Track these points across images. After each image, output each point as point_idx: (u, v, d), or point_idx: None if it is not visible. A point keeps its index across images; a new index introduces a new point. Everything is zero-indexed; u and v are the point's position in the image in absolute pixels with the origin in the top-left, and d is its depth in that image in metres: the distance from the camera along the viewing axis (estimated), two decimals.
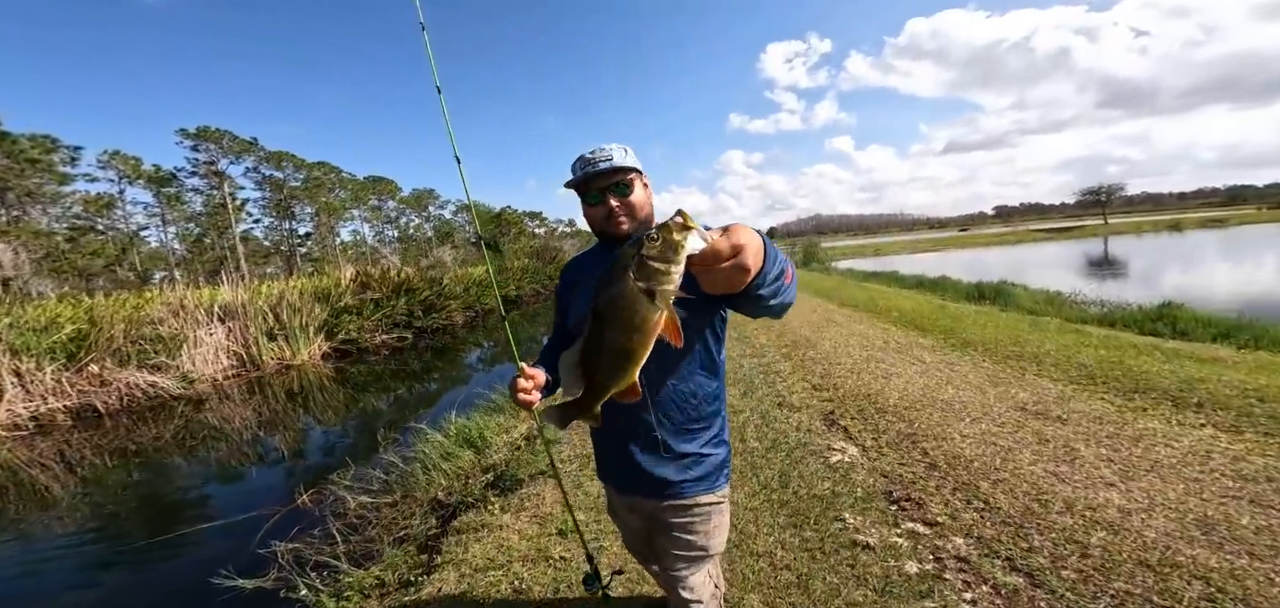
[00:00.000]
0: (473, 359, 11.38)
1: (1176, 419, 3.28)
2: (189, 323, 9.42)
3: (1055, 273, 18.33)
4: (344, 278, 13.61)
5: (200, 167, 35.41)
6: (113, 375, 7.79)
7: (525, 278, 22.97)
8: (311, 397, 8.42)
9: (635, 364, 0.79)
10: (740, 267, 0.75)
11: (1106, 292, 10.47)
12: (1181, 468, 2.67)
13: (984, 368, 4.78)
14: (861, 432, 3.56)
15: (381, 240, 50.51)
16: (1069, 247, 37.88)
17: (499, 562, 2.48)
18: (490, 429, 4.64)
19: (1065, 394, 3.88)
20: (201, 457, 5.80)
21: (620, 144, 1.25)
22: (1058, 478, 2.67)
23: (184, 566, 3.43)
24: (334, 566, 2.85)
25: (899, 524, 2.42)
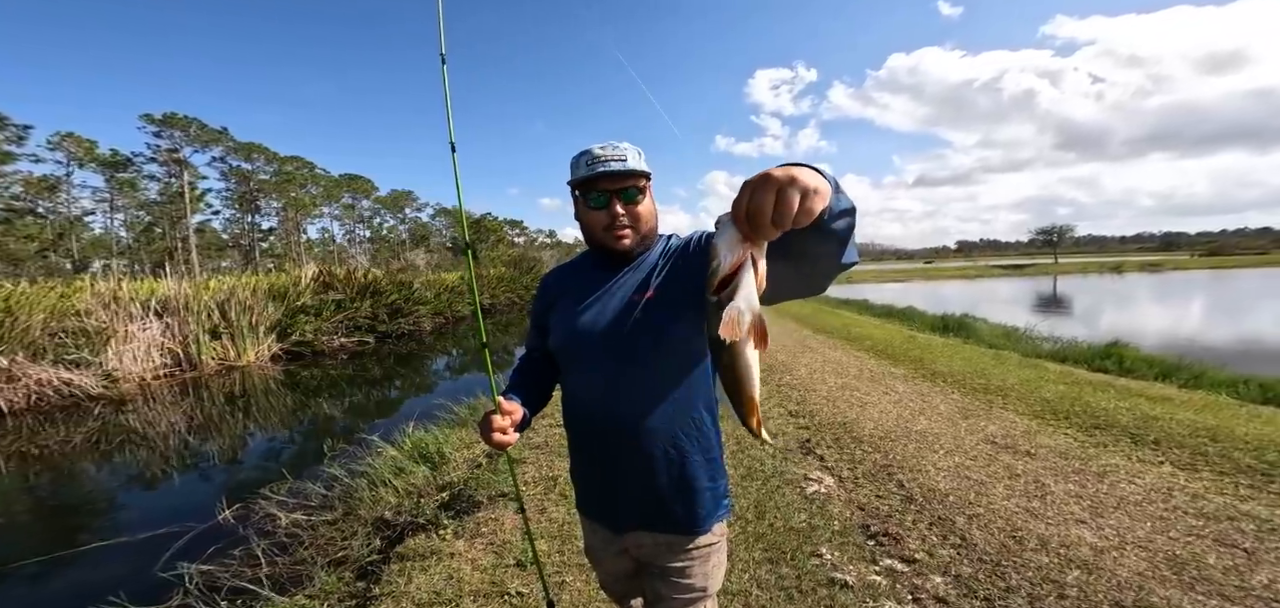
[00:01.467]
0: (439, 367, 10.93)
1: (1136, 456, 3.36)
2: (121, 317, 8.65)
3: (1011, 309, 19.21)
4: (305, 276, 12.91)
5: (161, 153, 33.52)
6: (23, 371, 7.03)
7: (501, 287, 22.53)
8: (254, 401, 7.83)
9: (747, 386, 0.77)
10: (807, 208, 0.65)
11: (1057, 328, 10.98)
12: (1146, 506, 2.71)
13: (954, 399, 4.82)
14: (838, 462, 3.49)
15: (352, 240, 48.78)
16: (1022, 283, 40.00)
17: (446, 596, 2.24)
18: (450, 444, 4.38)
19: (1031, 428, 3.94)
20: (116, 464, 5.24)
21: (635, 146, 1.10)
22: (1031, 514, 2.66)
23: (69, 590, 3.02)
24: (252, 591, 2.55)
25: (877, 561, 2.32)
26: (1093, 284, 37.20)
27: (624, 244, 1.10)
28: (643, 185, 1.09)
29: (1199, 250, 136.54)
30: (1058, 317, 17.38)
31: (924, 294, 26.71)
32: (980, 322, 10.99)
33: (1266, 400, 4.58)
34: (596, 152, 1.07)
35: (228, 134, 35.78)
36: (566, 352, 1.15)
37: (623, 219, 1.08)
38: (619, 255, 1.12)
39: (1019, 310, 18.47)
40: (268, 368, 10.07)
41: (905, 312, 13.61)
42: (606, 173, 1.04)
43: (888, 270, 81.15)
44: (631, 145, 1.10)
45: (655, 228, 1.16)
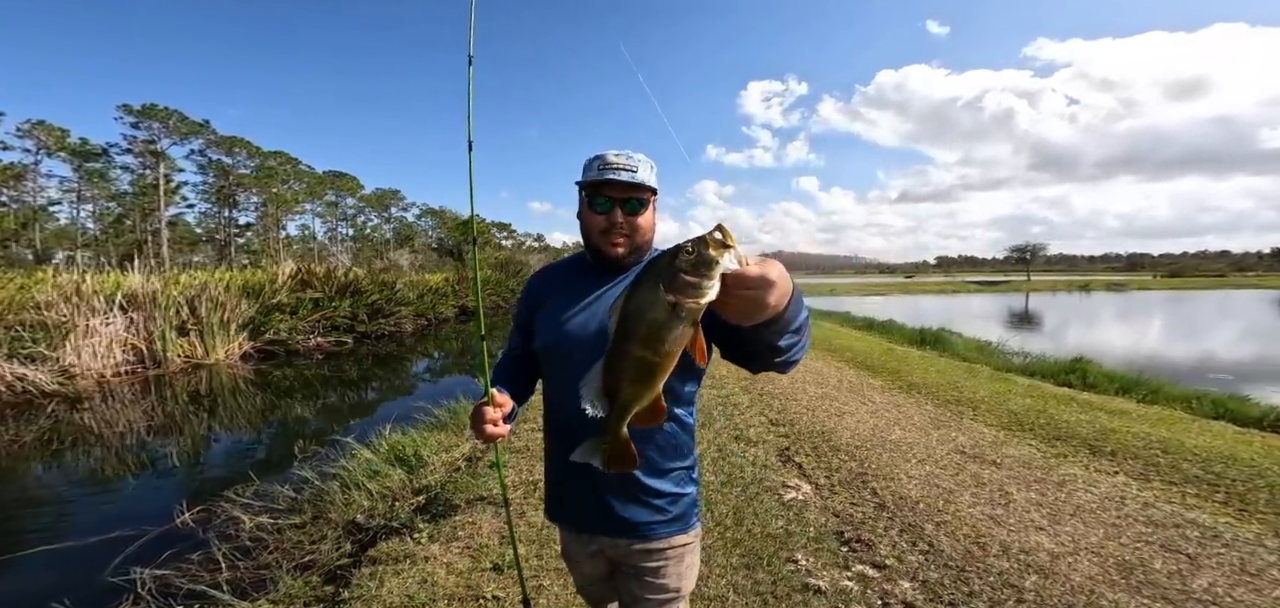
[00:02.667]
0: (420, 369, 10.74)
1: (1094, 466, 3.54)
2: (82, 311, 8.30)
3: (985, 324, 19.80)
4: (282, 273, 12.59)
5: (136, 144, 32.40)
6: None
7: (486, 289, 22.29)
8: (221, 400, 7.58)
9: (658, 380, 0.75)
10: (760, 301, 0.70)
11: (1027, 344, 11.37)
12: (1100, 513, 2.85)
13: (927, 410, 4.95)
14: (815, 469, 3.55)
15: (334, 238, 47.70)
16: (996, 299, 41.29)
17: (419, 600, 2.19)
18: (428, 447, 4.30)
19: (998, 439, 4.09)
20: (66, 465, 5.01)
21: (648, 159, 1.12)
22: (994, 521, 2.76)
23: (9, 597, 2.90)
24: (211, 595, 2.45)
25: (849, 566, 2.36)
26: (1062, 302, 38.58)
27: (617, 251, 1.12)
28: (647, 199, 1.12)
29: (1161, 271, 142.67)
30: (1028, 333, 18.00)
31: (904, 308, 27.34)
32: (955, 336, 11.33)
33: (1217, 415, 4.83)
34: (610, 158, 1.10)
35: (210, 127, 34.92)
36: (552, 355, 1.16)
37: (621, 228, 1.10)
38: (611, 262, 1.14)
39: (992, 325, 19.04)
40: (237, 367, 9.77)
41: (885, 325, 13.91)
42: (615, 181, 1.07)
43: (870, 284, 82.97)
44: (646, 159, 1.12)
45: (650, 241, 1.18)
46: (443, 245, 33.96)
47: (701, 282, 0.66)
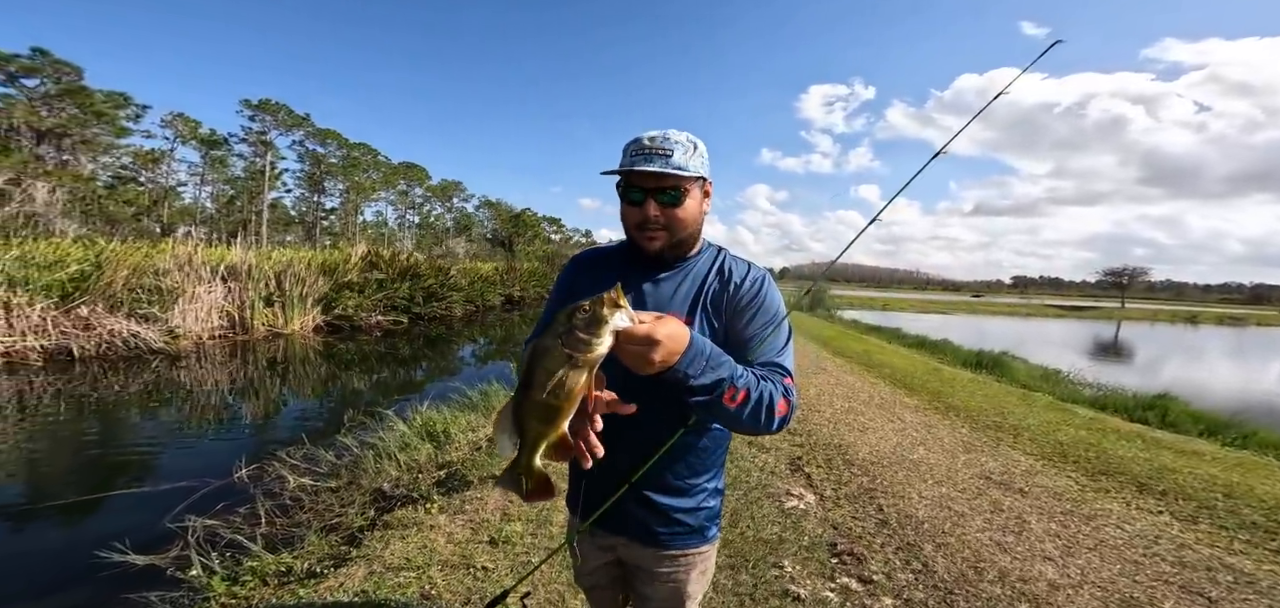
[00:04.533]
0: (464, 353, 11.35)
1: (1136, 503, 3.27)
2: (191, 279, 9.44)
3: (1060, 351, 18.03)
4: (354, 255, 13.72)
5: (251, 135, 36.67)
6: (99, 321, 7.82)
7: (532, 281, 23.14)
8: (292, 368, 8.41)
9: (561, 420, 0.81)
10: (646, 356, 0.79)
11: (1106, 375, 10.28)
12: (1124, 549, 2.67)
13: (960, 434, 4.66)
14: (824, 481, 3.47)
15: (402, 225, 51.12)
16: (1080, 326, 37.42)
17: (416, 563, 2.36)
18: (457, 426, 4.51)
19: (1034, 468, 3.82)
20: (160, 416, 5.64)
21: (690, 135, 1.01)
22: (1001, 547, 2.63)
23: (88, 532, 3.14)
24: (246, 547, 2.66)
25: (835, 578, 2.32)
26: (1161, 334, 34.35)
27: (653, 247, 1.02)
28: (686, 187, 0.99)
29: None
30: (1112, 364, 16.21)
31: (966, 329, 25.46)
32: (1018, 361, 10.45)
33: None
34: (644, 141, 0.99)
35: (309, 120, 38.86)
36: None
37: (656, 221, 1.00)
38: (652, 257, 1.05)
39: (1068, 354, 17.30)
40: (309, 337, 10.79)
41: (938, 344, 13.06)
42: (645, 170, 0.96)
43: (930, 301, 77.60)
44: (686, 137, 1.00)
45: (697, 233, 1.07)
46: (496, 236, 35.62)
47: (592, 338, 0.75)
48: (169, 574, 2.54)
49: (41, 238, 9.79)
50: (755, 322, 1.02)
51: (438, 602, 2.12)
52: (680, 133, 1.00)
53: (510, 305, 20.44)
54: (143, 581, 2.52)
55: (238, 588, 2.32)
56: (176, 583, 2.45)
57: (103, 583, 2.54)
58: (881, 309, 38.61)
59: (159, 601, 2.31)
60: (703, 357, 0.86)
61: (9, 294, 7.00)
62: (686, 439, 1.04)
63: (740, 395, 0.88)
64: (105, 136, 26.80)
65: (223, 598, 2.24)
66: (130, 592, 2.38)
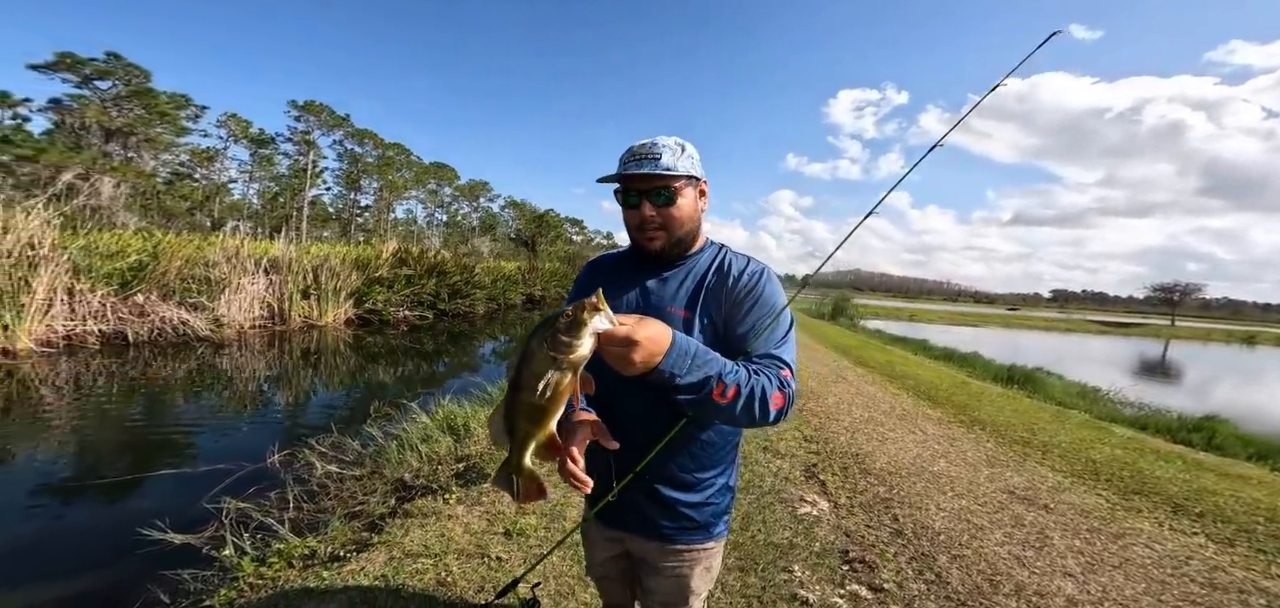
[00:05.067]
0: (485, 351, 11.58)
1: (1170, 524, 3.16)
2: (238, 270, 9.94)
3: (1101, 369, 17.19)
4: (386, 251, 14.18)
5: (296, 134, 38.60)
6: (153, 308, 8.32)
7: (552, 281, 23.44)
8: (324, 358, 8.74)
9: (548, 419, 0.86)
10: (627, 357, 0.83)
11: (1150, 396, 9.77)
12: (1151, 569, 2.59)
13: (985, 448, 4.53)
14: (839, 489, 3.43)
15: (431, 222, 52.49)
16: (1125, 343, 35.57)
17: (433, 551, 2.44)
18: (477, 420, 4.59)
19: (1061, 485, 3.69)
20: (202, 400, 5.91)
21: (678, 139, 1.06)
22: (1019, 562, 2.57)
23: (131, 510, 3.28)
24: (274, 530, 2.77)
25: (845, 585, 2.31)
26: (1214, 354, 32.34)
27: (654, 246, 1.07)
28: (677, 187, 1.04)
29: None
30: (1158, 384, 15.37)
31: (999, 343, 24.53)
32: (1054, 378, 10.03)
33: None
34: (634, 148, 1.05)
35: (349, 121, 40.69)
36: None
37: (653, 221, 1.05)
38: (654, 256, 1.10)
39: (1110, 371, 16.47)
40: (341, 330, 11.21)
41: (968, 357, 12.64)
42: (635, 173, 1.02)
43: (961, 313, 74.92)
44: (674, 141, 1.06)
45: (695, 231, 1.12)
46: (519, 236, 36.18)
47: (573, 340, 0.81)
48: (204, 554, 2.64)
49: (105, 229, 10.47)
50: (752, 314, 1.05)
51: (453, 589, 2.19)
52: (669, 137, 1.06)
53: (531, 304, 20.75)
54: (179, 559, 2.63)
55: (265, 569, 2.38)
56: (209, 562, 2.56)
57: (142, 559, 2.67)
58: (908, 320, 37.59)
59: (192, 579, 2.39)
60: (687, 356, 0.88)
61: (73, 280, 7.51)
62: (691, 433, 1.08)
63: (730, 391, 0.90)
64: (167, 135, 28.60)
65: (250, 578, 2.33)
66: (167, 569, 2.47)
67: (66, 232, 7.92)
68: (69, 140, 23.44)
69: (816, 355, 10.27)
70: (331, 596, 2.10)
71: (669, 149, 1.04)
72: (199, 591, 2.34)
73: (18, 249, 6.80)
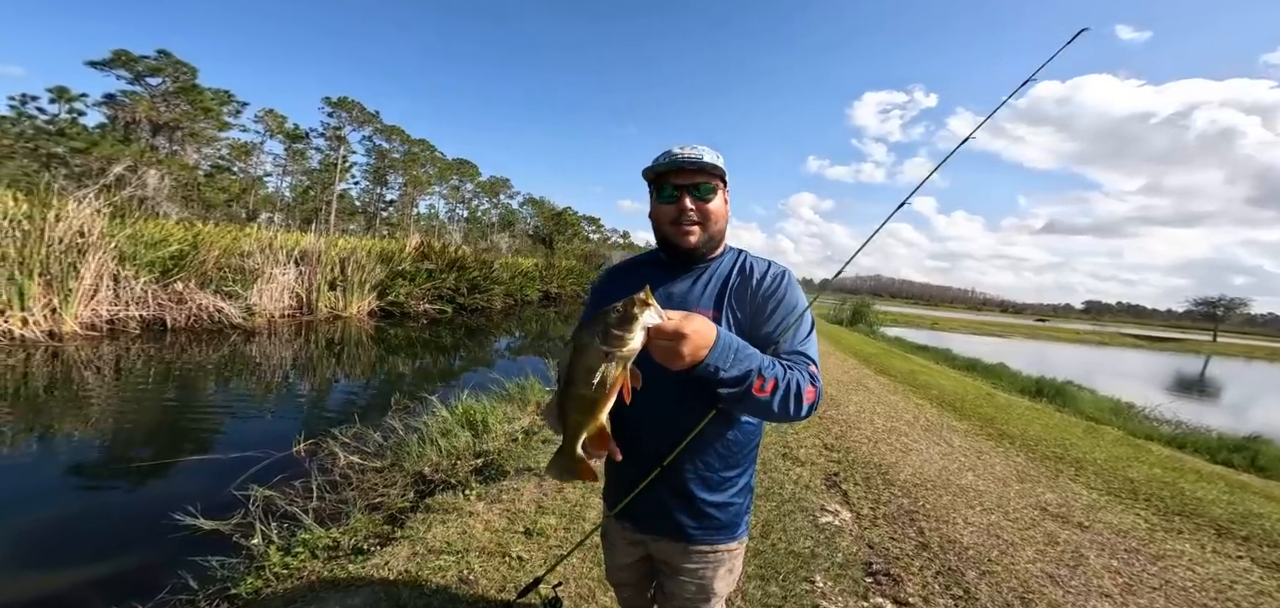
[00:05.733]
0: (501, 345, 11.71)
1: (1213, 547, 3.04)
2: (270, 261, 10.26)
3: (1136, 384, 16.51)
4: (409, 245, 14.46)
5: (328, 130, 39.84)
6: (191, 296, 8.64)
7: (568, 278, 23.55)
8: (347, 349, 8.94)
9: (599, 411, 0.89)
10: (676, 350, 0.87)
11: (1186, 413, 9.34)
12: (1194, 593, 2.50)
13: (1015, 462, 4.39)
14: (861, 499, 3.36)
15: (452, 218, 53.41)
16: (1161, 358, 34.16)
17: (456, 548, 2.45)
18: (495, 416, 4.58)
19: (1097, 503, 3.56)
20: (232, 387, 6.05)
21: (715, 150, 1.12)
22: (1053, 580, 2.49)
23: (161, 494, 3.32)
24: (299, 519, 2.79)
25: (868, 597, 2.26)
26: (1258, 372, 30.81)
27: (690, 241, 1.11)
28: (716, 184, 1.11)
29: None
30: (1196, 402, 14.69)
31: (1025, 354, 23.74)
32: (1085, 392, 9.68)
33: None
34: (675, 150, 1.11)
35: (378, 117, 41.83)
36: None
37: (691, 215, 1.09)
38: (684, 253, 1.13)
39: (1145, 387, 15.83)
40: (364, 321, 11.46)
41: (993, 368, 12.29)
42: (678, 165, 1.08)
43: (986, 322, 72.79)
44: (711, 149, 1.12)
45: (723, 231, 1.16)
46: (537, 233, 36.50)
47: (625, 334, 0.83)
48: (233, 541, 2.66)
49: (150, 219, 10.89)
50: (777, 314, 1.09)
51: (475, 587, 2.19)
52: (704, 145, 1.12)
53: (547, 301, 20.89)
54: (207, 545, 2.66)
55: (290, 559, 2.39)
56: (237, 549, 2.58)
57: (173, 544, 2.71)
58: (930, 327, 36.72)
59: (220, 566, 2.41)
60: (731, 350, 0.93)
61: (118, 267, 7.84)
62: (717, 430, 1.09)
63: (769, 385, 0.94)
64: (209, 130, 29.81)
65: (276, 568, 2.34)
66: (196, 555, 2.50)
67: (114, 221, 8.24)
68: (119, 134, 24.58)
69: (835, 362, 10.10)
70: (357, 589, 2.13)
71: (708, 151, 1.10)
72: (225, 578, 2.36)
73: (69, 236, 7.11)
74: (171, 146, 26.95)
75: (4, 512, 3.02)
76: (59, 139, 22.05)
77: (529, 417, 4.76)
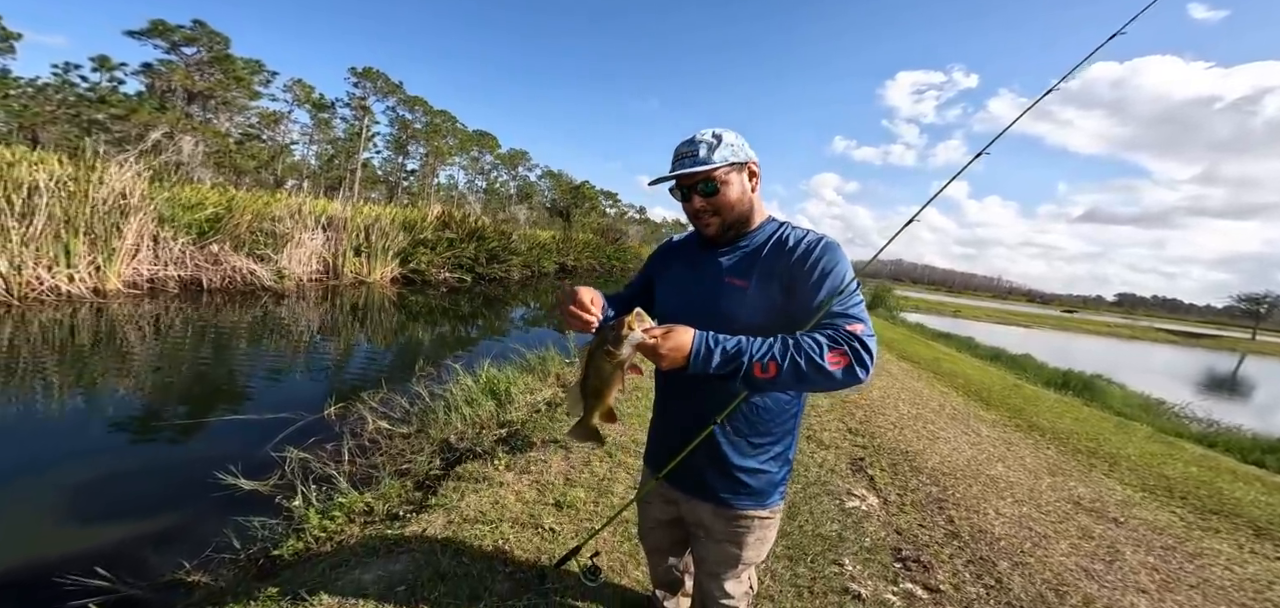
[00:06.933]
0: (517, 316, 11.82)
1: (1251, 547, 3.01)
2: (299, 226, 10.47)
3: (1165, 381, 16.02)
4: (431, 214, 14.58)
5: (354, 100, 40.22)
6: (226, 258, 8.88)
7: (585, 251, 23.55)
8: (371, 314, 9.12)
9: (608, 395, 1.14)
10: (659, 356, 1.03)
11: (1217, 412, 9.05)
12: (1233, 591, 2.49)
13: (1046, 455, 4.31)
14: (888, 485, 3.34)
15: (471, 189, 53.64)
16: (1195, 355, 33.02)
17: (490, 518, 2.47)
18: (517, 386, 4.62)
19: (1131, 499, 3.51)
20: (263, 347, 6.19)
21: (715, 131, 1.15)
22: (1088, 574, 2.47)
23: (202, 452, 3.37)
24: (334, 482, 2.80)
25: (898, 583, 2.25)
26: None
27: (710, 232, 1.19)
28: (719, 176, 1.13)
29: None
30: (1228, 401, 14.21)
31: (1050, 346, 23.16)
32: (1114, 386, 9.43)
33: None
34: (679, 148, 1.17)
35: (402, 88, 41.93)
36: (661, 312, 1.29)
37: (703, 211, 1.17)
38: (713, 239, 1.22)
39: (1175, 384, 15.35)
40: (387, 287, 11.67)
41: (1018, 359, 12.01)
42: (680, 173, 1.14)
43: (1011, 312, 70.87)
44: (711, 134, 1.14)
45: (748, 213, 1.19)
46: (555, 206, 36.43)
47: (618, 348, 1.06)
48: (275, 501, 2.68)
49: (186, 184, 11.16)
50: (814, 282, 1.11)
51: (510, 556, 2.21)
52: (705, 131, 1.16)
53: (563, 273, 20.97)
54: (247, 504, 2.69)
55: (327, 522, 2.40)
56: (277, 510, 2.60)
57: (214, 503, 2.74)
58: (952, 315, 35.94)
59: (260, 526, 2.43)
60: (710, 353, 1.02)
61: (158, 229, 8.08)
62: (759, 399, 1.18)
63: (771, 367, 0.99)
64: (241, 99, 30.41)
65: (315, 531, 2.36)
66: (238, 515, 2.53)
67: (154, 184, 8.45)
68: (156, 102, 25.18)
69: None
70: (397, 555, 2.17)
71: (706, 144, 1.14)
72: (267, 539, 2.40)
73: (112, 198, 7.33)
74: (205, 115, 27.53)
75: (57, 464, 3.12)
76: (100, 106, 22.63)
77: (550, 388, 4.79)
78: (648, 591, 1.89)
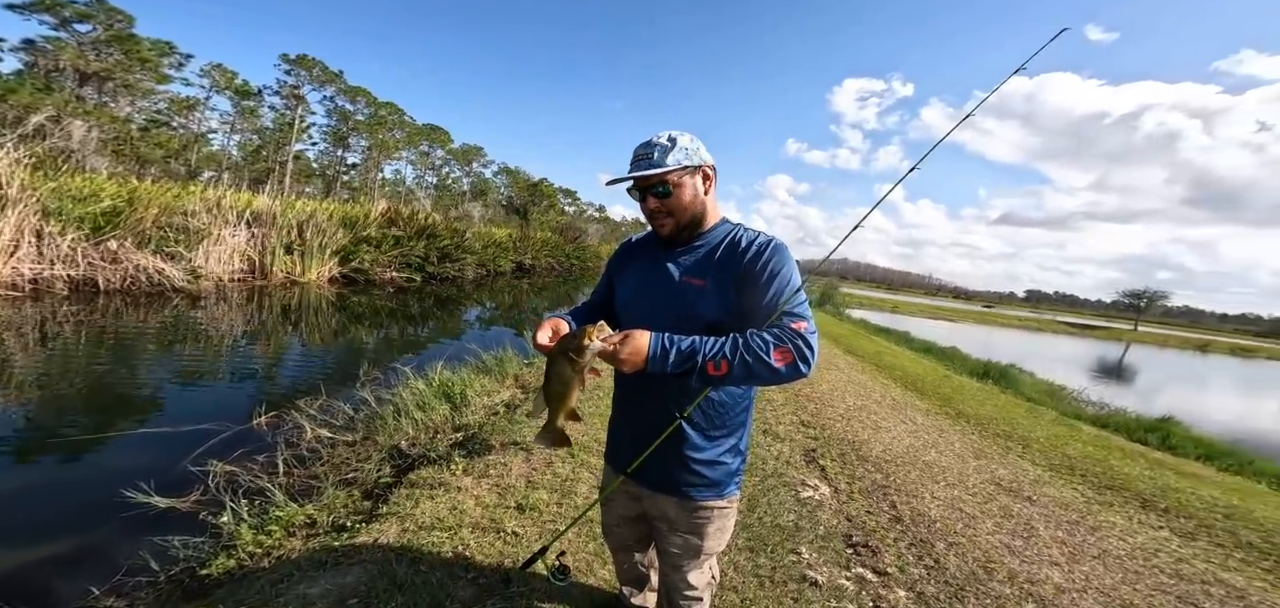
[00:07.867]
0: (472, 316, 11.43)
1: (1139, 519, 3.44)
2: (217, 221, 9.53)
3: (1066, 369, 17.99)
4: (375, 211, 13.75)
5: (285, 88, 36.85)
6: (127, 256, 7.92)
7: (543, 250, 23.09)
8: (306, 316, 8.49)
9: (570, 399, 1.17)
10: (619, 361, 1.08)
11: (1110, 397, 10.31)
12: (1126, 560, 2.83)
13: (971, 440, 4.74)
14: (838, 474, 3.54)
15: (420, 185, 51.07)
16: (1089, 345, 37.20)
17: (448, 524, 2.38)
18: (473, 389, 4.48)
19: (1042, 478, 3.95)
20: (177, 354, 5.60)
21: (671, 134, 1.19)
22: (1010, 550, 2.76)
23: (105, 469, 3.06)
24: (269, 493, 2.64)
25: (850, 567, 2.40)
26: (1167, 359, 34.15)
27: (665, 232, 1.24)
28: (672, 179, 1.17)
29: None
30: (1115, 386, 16.18)
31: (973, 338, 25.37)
32: (1025, 375, 10.49)
33: None
34: (636, 151, 1.20)
35: (342, 77, 38.89)
36: (626, 312, 1.34)
37: (657, 213, 1.21)
38: (667, 240, 1.26)
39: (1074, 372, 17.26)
40: (325, 288, 10.90)
41: (947, 351, 13.08)
42: (635, 175, 1.17)
43: (940, 308, 77.13)
44: (666, 138, 1.18)
45: (703, 213, 1.24)
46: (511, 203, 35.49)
47: (579, 357, 1.11)
48: (198, 518, 2.49)
49: (77, 173, 9.82)
50: (762, 283, 1.17)
51: (471, 562, 2.15)
52: (662, 134, 1.19)
53: (521, 273, 20.48)
54: (163, 523, 2.47)
55: (263, 537, 2.25)
56: (200, 527, 2.41)
57: (123, 523, 2.49)
58: (891, 311, 38.58)
59: (181, 544, 2.24)
60: (666, 354, 1.07)
61: (42, 223, 7.08)
62: (716, 393, 1.24)
63: (722, 365, 1.05)
64: (146, 82, 27.19)
65: (249, 547, 2.20)
66: (153, 534, 2.31)
67: (36, 173, 7.40)
68: (40, 82, 22.02)
69: None
70: (347, 567, 2.06)
71: (660, 147, 1.17)
72: (190, 558, 2.20)
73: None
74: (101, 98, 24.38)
75: None
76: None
77: (508, 390, 4.69)
78: (615, 589, 1.90)
